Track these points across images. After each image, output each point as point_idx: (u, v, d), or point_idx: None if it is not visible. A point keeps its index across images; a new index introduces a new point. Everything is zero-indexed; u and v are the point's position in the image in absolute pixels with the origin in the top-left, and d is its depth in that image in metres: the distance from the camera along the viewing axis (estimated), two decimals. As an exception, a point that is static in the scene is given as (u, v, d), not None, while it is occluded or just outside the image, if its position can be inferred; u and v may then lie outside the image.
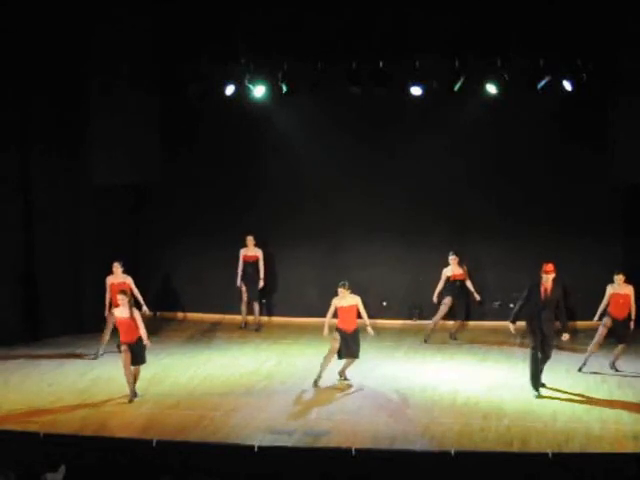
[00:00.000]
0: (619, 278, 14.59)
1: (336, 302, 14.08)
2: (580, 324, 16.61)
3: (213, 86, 16.86)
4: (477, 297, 17.01)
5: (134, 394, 13.27)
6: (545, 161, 17.42)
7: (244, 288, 17.85)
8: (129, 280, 15.56)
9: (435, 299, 16.88)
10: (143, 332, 13.24)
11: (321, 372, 14.00)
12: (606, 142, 16.81)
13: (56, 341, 16.59)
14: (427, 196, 17.87)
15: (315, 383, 13.95)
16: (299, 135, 17.84)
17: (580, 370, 14.56)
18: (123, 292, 13.51)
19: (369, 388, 13.86)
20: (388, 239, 17.96)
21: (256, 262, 17.78)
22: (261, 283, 17.81)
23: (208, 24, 16.65)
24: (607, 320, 14.54)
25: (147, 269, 18.04)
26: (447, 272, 16.82)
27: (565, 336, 13.54)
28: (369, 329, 14.07)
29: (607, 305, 14.61)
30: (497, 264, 17.73)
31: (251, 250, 17.82)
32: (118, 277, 15.60)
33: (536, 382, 13.45)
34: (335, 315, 14.13)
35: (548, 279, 13.51)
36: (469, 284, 16.99)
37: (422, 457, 11.00)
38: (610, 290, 14.60)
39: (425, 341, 16.78)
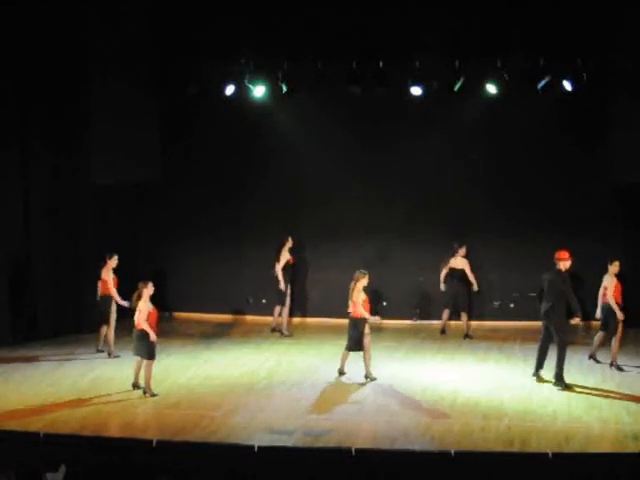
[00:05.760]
0: (613, 265, 14.69)
1: None
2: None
3: (213, 86, 16.88)
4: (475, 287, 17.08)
5: (143, 389, 13.42)
6: (545, 161, 17.44)
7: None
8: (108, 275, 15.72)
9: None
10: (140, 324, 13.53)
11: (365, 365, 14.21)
12: (606, 142, 16.83)
13: (56, 341, 16.59)
14: (427, 196, 17.88)
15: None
16: (299, 135, 17.85)
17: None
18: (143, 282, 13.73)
19: (369, 388, 13.84)
20: (388, 239, 17.96)
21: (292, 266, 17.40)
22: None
23: (208, 24, 16.67)
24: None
25: (147, 269, 18.02)
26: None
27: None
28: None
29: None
30: (497, 264, 17.73)
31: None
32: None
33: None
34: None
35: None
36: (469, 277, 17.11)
37: (422, 457, 11.00)
38: None
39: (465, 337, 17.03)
